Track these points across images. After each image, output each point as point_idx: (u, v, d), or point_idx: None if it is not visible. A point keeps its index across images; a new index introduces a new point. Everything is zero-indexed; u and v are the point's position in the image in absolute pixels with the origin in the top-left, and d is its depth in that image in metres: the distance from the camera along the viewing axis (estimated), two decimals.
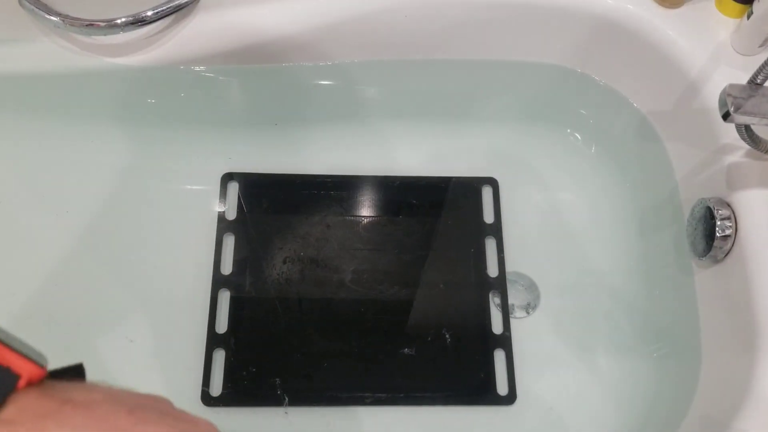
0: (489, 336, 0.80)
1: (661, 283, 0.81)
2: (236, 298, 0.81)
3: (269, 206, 0.86)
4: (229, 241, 0.84)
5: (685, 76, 0.75)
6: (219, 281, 0.82)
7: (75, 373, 0.36)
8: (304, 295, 0.81)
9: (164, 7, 0.73)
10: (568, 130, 0.92)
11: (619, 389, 0.79)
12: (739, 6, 0.74)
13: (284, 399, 0.76)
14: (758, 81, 0.58)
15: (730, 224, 0.66)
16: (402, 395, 0.77)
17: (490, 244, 0.85)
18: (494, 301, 0.82)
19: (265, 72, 0.83)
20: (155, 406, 0.35)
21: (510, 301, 0.82)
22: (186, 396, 0.76)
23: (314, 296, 0.82)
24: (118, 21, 0.72)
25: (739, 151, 0.69)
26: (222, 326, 0.80)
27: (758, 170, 0.67)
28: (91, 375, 0.84)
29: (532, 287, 0.84)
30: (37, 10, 0.72)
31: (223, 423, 0.76)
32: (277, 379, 0.77)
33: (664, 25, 0.75)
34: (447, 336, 0.80)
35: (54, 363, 0.83)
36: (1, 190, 0.85)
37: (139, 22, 0.73)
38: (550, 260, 0.86)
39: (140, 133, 0.89)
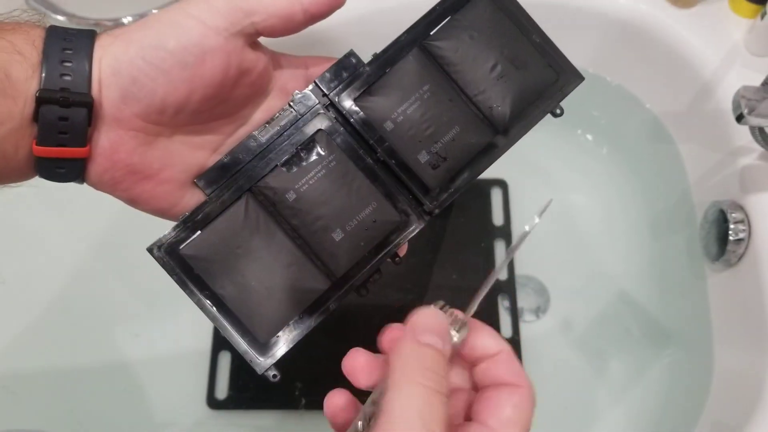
0: None
1: (673, 287, 0.80)
2: None
3: None
4: None
5: (698, 76, 0.74)
6: None
7: None
8: None
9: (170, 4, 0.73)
10: (579, 131, 0.91)
11: (630, 394, 0.78)
12: (752, 6, 0.73)
13: (301, 401, 0.76)
14: None
15: (744, 228, 0.65)
16: None
17: (500, 247, 0.84)
18: (503, 304, 0.81)
19: None
20: None
21: (519, 304, 0.81)
22: (190, 396, 0.76)
23: None
24: (125, 20, 0.72)
25: (753, 154, 0.68)
26: None
27: None
28: (95, 367, 0.83)
29: (541, 290, 0.83)
30: (43, 9, 0.72)
31: (226, 428, 0.75)
32: (282, 384, 0.77)
33: (677, 25, 0.75)
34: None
35: (60, 352, 0.82)
36: (13, 192, 0.85)
37: None
38: (561, 263, 0.85)
39: None
